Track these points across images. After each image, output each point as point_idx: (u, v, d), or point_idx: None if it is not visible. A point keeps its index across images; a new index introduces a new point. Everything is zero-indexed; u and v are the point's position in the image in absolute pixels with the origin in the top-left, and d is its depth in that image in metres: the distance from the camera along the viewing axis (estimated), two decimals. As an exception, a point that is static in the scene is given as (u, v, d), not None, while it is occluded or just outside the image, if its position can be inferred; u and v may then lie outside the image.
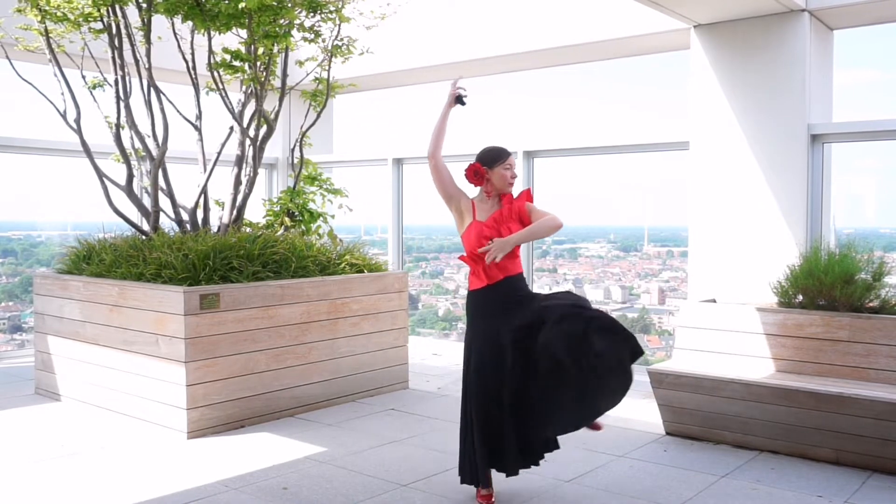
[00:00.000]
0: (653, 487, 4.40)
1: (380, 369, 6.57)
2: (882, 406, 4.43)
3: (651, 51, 7.86)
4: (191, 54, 6.74)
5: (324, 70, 7.30)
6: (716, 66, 6.69)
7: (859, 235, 5.88)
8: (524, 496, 4.25)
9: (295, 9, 6.42)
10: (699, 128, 6.82)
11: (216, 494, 4.28)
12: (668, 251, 9.28)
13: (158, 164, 6.61)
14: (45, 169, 8.81)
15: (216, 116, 7.28)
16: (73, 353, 6.18)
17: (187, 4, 6.15)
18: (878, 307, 5.14)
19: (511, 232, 4.01)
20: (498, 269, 4.05)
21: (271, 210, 7.30)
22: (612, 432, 5.46)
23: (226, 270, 5.71)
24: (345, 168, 10.10)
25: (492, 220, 4.07)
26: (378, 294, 6.55)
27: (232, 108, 6.89)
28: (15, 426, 5.62)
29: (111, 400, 5.85)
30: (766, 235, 6.46)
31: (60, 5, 6.27)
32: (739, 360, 5.36)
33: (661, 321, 8.78)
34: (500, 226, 4.06)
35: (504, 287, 4.06)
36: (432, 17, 8.67)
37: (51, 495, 4.25)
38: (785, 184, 6.38)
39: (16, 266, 9.56)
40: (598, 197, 9.01)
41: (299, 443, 5.23)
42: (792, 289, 5.44)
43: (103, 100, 6.77)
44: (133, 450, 5.06)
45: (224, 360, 5.49)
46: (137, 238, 6.44)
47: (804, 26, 6.27)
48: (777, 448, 4.93)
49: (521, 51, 8.02)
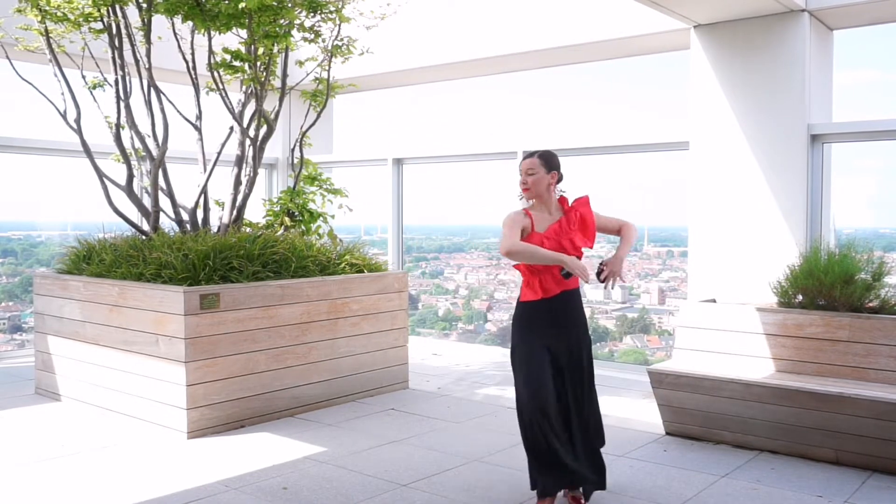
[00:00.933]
0: (653, 487, 4.40)
1: (380, 369, 6.57)
2: (882, 406, 4.43)
3: (651, 51, 7.86)
4: (191, 54, 6.74)
5: (324, 70, 7.30)
6: (716, 67, 6.69)
7: (859, 235, 5.88)
8: (524, 496, 4.25)
9: (295, 9, 6.42)
10: (699, 128, 6.82)
11: (216, 494, 4.28)
12: (668, 251, 9.28)
13: (158, 164, 6.61)
14: (45, 169, 8.81)
15: (216, 116, 7.29)
16: (74, 353, 6.18)
17: (187, 4, 6.15)
18: (878, 307, 5.14)
19: (573, 244, 3.90)
20: (555, 282, 3.92)
21: (271, 210, 7.30)
22: (612, 432, 5.46)
23: (226, 270, 5.71)
24: (345, 168, 10.10)
25: (552, 231, 3.92)
26: (378, 294, 6.55)
27: (232, 108, 6.89)
28: (15, 426, 5.62)
29: (111, 400, 5.85)
30: (766, 235, 6.46)
31: (60, 5, 6.27)
32: (739, 360, 5.36)
33: (661, 321, 8.78)
34: (560, 238, 3.90)
35: (559, 302, 3.94)
36: (432, 17, 8.67)
37: (51, 495, 4.25)
38: (785, 184, 6.38)
39: (16, 266, 9.56)
40: (599, 197, 8.99)
41: (299, 443, 5.23)
42: (792, 289, 5.44)
43: (103, 100, 6.78)
44: (133, 450, 5.06)
45: (224, 360, 5.49)
46: (137, 238, 6.44)
47: (804, 26, 6.27)
48: (777, 448, 4.93)
49: (521, 51, 8.02)
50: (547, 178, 3.96)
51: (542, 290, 3.92)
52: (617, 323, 8.89)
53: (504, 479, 4.51)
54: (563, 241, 3.88)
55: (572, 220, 3.95)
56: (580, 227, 3.95)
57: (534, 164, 3.96)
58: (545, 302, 3.93)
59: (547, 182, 3.96)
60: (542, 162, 3.97)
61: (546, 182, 3.96)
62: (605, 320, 8.98)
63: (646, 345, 8.63)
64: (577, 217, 3.96)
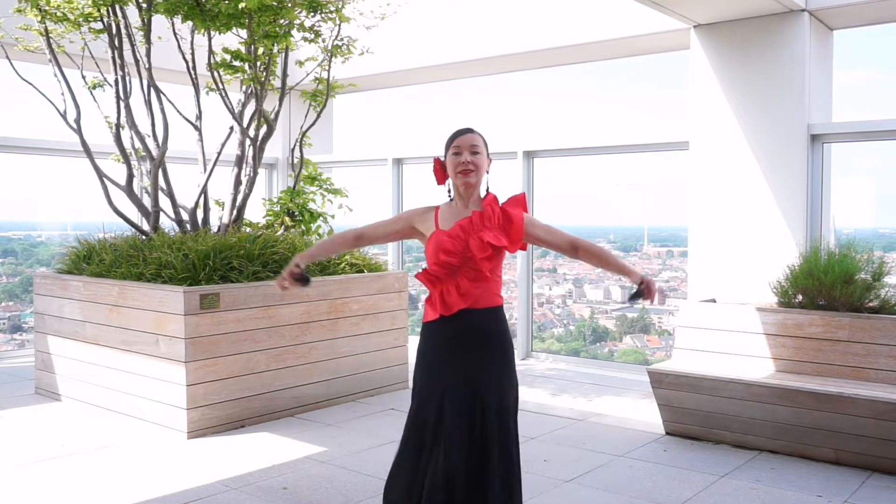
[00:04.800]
0: (653, 487, 4.40)
1: (380, 369, 6.57)
2: (881, 406, 4.43)
3: (651, 51, 7.86)
4: (191, 54, 6.74)
5: (324, 70, 7.30)
6: (716, 66, 6.69)
7: (859, 235, 5.88)
8: (524, 495, 4.24)
9: (295, 9, 6.42)
10: (699, 128, 6.82)
11: (216, 494, 4.28)
12: (668, 251, 9.28)
13: (158, 164, 6.61)
14: (45, 169, 8.81)
15: (216, 116, 7.29)
16: (74, 353, 6.18)
17: (187, 4, 6.15)
18: (878, 307, 5.14)
19: (482, 242, 2.98)
20: (459, 295, 3.01)
21: (271, 210, 7.31)
22: (611, 432, 5.47)
23: (226, 270, 5.71)
24: (345, 168, 10.10)
25: (457, 227, 3.02)
26: (378, 294, 6.55)
27: (232, 108, 6.89)
28: (15, 426, 5.62)
29: (111, 400, 5.86)
30: (765, 235, 6.46)
31: (60, 5, 6.27)
32: (739, 360, 5.36)
33: (661, 321, 8.78)
34: (468, 235, 3.00)
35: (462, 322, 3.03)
36: (432, 17, 8.67)
37: (51, 495, 4.25)
38: (785, 184, 6.38)
39: (16, 266, 9.56)
40: (598, 197, 9.00)
41: (299, 443, 5.23)
42: (792, 289, 5.44)
43: (103, 100, 6.79)
44: (133, 450, 5.06)
45: (224, 360, 5.49)
46: (137, 238, 6.44)
47: (804, 26, 6.27)
48: (777, 448, 4.93)
49: (521, 51, 8.02)
50: (486, 162, 3.12)
51: (442, 306, 3.05)
52: (617, 323, 8.89)
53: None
54: (471, 239, 2.99)
55: (488, 215, 3.05)
56: (501, 225, 3.05)
57: (478, 141, 3.08)
58: (445, 321, 3.06)
59: (485, 167, 3.11)
60: (484, 141, 3.13)
61: (485, 167, 3.10)
62: (605, 320, 8.98)
63: (646, 345, 8.62)
64: (496, 213, 3.06)
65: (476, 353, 3.02)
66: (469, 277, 3.00)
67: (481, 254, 2.98)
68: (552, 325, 9.06)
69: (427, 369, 3.08)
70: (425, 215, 3.15)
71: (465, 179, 3.04)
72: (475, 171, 3.05)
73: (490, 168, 3.16)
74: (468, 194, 3.09)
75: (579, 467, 4.74)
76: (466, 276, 3.01)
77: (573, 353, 8.38)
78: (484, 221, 3.04)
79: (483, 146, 3.11)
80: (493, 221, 3.05)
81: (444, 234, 3.04)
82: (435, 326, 3.06)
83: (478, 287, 3.01)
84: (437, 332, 3.06)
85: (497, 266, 3.07)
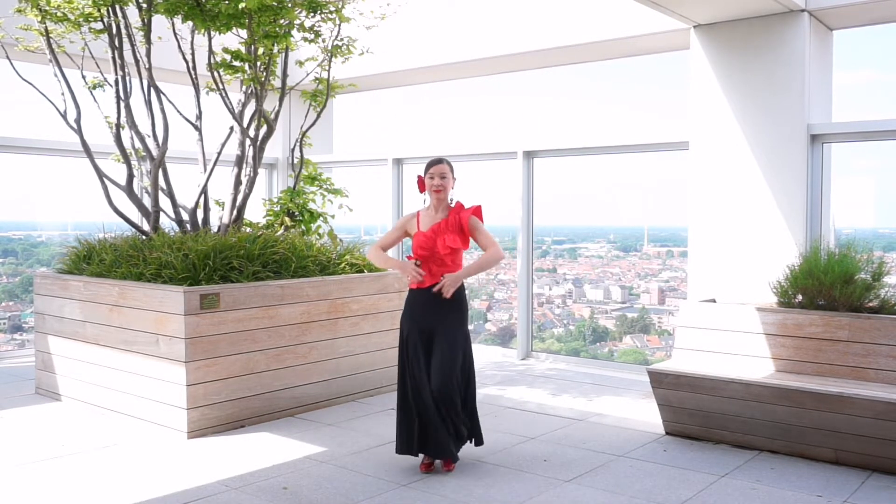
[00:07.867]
0: (652, 487, 4.40)
1: (380, 369, 6.57)
2: (882, 406, 4.43)
3: (651, 51, 7.86)
4: (191, 54, 6.75)
5: (324, 70, 7.30)
6: (715, 67, 6.69)
7: (859, 235, 5.88)
8: (524, 495, 4.25)
9: (295, 9, 6.42)
10: (699, 128, 6.82)
11: (216, 494, 4.28)
12: (668, 251, 9.27)
13: (158, 164, 6.61)
14: (45, 169, 8.81)
15: (216, 116, 7.29)
16: (74, 353, 6.19)
17: (187, 4, 6.15)
18: (878, 307, 5.15)
19: (444, 242, 4.47)
20: (431, 275, 4.54)
21: (271, 210, 7.31)
22: (611, 432, 5.47)
23: (226, 270, 5.71)
24: (345, 168, 10.10)
25: (431, 230, 4.54)
26: (378, 294, 6.55)
27: (232, 108, 6.89)
28: (15, 426, 5.62)
29: (111, 400, 5.86)
30: (765, 235, 6.46)
31: (60, 5, 6.28)
32: (739, 360, 5.36)
33: (661, 321, 8.78)
34: (437, 236, 4.52)
35: (431, 290, 4.52)
36: (432, 17, 8.67)
37: (51, 495, 4.25)
38: (784, 184, 6.38)
39: (16, 266, 9.57)
40: (598, 197, 9.01)
41: (299, 443, 5.23)
42: (792, 289, 5.44)
43: (103, 100, 6.79)
44: (133, 450, 5.06)
45: (224, 360, 5.49)
46: (137, 238, 6.44)
47: (804, 26, 6.27)
48: (777, 448, 4.93)
49: (521, 51, 8.03)
50: (452, 182, 4.61)
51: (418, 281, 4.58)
52: (617, 323, 8.89)
53: (504, 478, 4.51)
54: (438, 239, 4.50)
55: (451, 222, 4.53)
56: (457, 230, 4.53)
57: (446, 170, 4.57)
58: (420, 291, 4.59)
59: (451, 186, 4.61)
60: (450, 168, 4.61)
61: (451, 185, 4.61)
62: (605, 320, 8.98)
63: (646, 345, 8.62)
64: (456, 220, 4.53)
65: (440, 308, 4.55)
66: (437, 264, 4.56)
67: (444, 251, 4.53)
68: (552, 325, 9.06)
69: (409, 316, 4.61)
70: (411, 220, 4.73)
71: (437, 196, 4.61)
72: (443, 190, 4.59)
73: (454, 185, 4.65)
74: (439, 204, 4.63)
75: (579, 467, 4.74)
76: (435, 263, 4.56)
77: (573, 353, 8.38)
78: (448, 227, 4.55)
79: (450, 171, 4.61)
80: (454, 227, 4.55)
81: (422, 234, 4.59)
82: (416, 292, 4.62)
83: (442, 270, 4.55)
84: (417, 295, 4.61)
85: (457, 257, 4.60)
